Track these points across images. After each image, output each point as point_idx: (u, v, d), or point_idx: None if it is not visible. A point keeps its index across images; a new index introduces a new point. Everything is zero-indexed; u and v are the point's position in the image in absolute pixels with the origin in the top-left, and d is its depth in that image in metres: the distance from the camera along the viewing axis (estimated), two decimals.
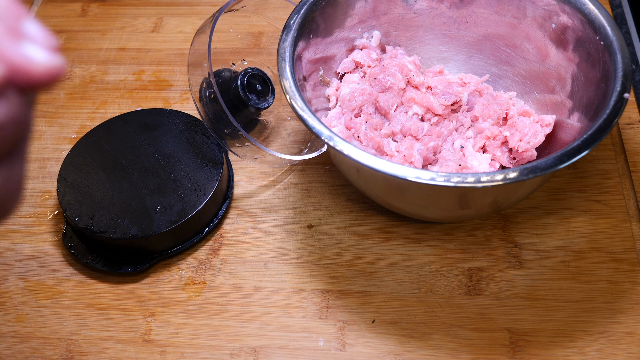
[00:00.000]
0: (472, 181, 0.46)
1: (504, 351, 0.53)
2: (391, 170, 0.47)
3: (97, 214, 0.58)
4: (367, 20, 0.64)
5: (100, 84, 0.75)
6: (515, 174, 0.46)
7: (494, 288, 0.57)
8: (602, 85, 0.53)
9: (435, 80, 0.63)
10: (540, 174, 0.46)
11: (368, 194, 0.57)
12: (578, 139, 0.48)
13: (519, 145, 0.58)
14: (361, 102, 0.60)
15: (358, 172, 0.54)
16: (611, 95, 0.50)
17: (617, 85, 0.51)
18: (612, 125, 0.48)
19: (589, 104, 0.54)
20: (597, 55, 0.54)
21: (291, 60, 0.55)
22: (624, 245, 0.59)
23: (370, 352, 0.54)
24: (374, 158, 0.48)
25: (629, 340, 0.53)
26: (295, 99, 0.53)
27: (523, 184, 0.50)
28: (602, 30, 0.54)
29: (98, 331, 0.56)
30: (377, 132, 0.60)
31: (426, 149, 0.59)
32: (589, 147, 0.47)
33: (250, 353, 0.54)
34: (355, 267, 0.59)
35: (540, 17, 0.60)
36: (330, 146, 0.49)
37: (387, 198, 0.55)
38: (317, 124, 0.51)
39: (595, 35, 0.55)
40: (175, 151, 0.62)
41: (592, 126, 0.49)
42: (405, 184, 0.50)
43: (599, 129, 0.48)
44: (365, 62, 0.64)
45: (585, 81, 0.56)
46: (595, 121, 0.49)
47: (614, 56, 0.52)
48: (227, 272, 0.59)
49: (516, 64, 0.64)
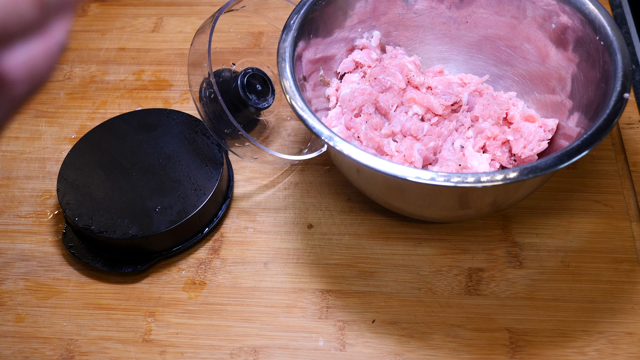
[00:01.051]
0: (472, 181, 0.46)
1: (504, 351, 0.53)
2: (391, 170, 0.47)
3: (97, 214, 0.58)
4: (367, 20, 0.64)
5: (100, 84, 0.75)
6: (515, 174, 0.46)
7: (494, 288, 0.57)
8: (602, 85, 0.53)
9: (435, 81, 0.63)
10: (540, 174, 0.46)
11: (368, 194, 0.57)
12: (578, 139, 0.48)
13: (523, 152, 0.58)
14: (361, 102, 0.60)
15: (358, 172, 0.54)
16: (611, 95, 0.50)
17: (617, 85, 0.51)
18: (612, 125, 0.48)
19: (589, 104, 0.54)
20: (597, 55, 0.54)
21: (291, 60, 0.55)
22: (624, 245, 0.59)
23: (370, 352, 0.54)
24: (374, 158, 0.48)
25: (629, 340, 0.53)
26: (295, 99, 0.53)
27: (523, 184, 0.50)
28: (602, 30, 0.54)
29: (98, 331, 0.56)
30: (377, 132, 0.60)
31: (426, 149, 0.59)
32: (589, 147, 0.47)
33: (250, 353, 0.54)
34: (355, 267, 0.59)
35: (540, 17, 0.60)
36: (330, 146, 0.49)
37: (387, 198, 0.55)
38: (317, 124, 0.51)
39: (595, 35, 0.55)
40: (175, 151, 0.62)
41: (592, 126, 0.49)
42: (406, 184, 0.50)
43: (599, 129, 0.48)
44: (366, 62, 0.64)
45: (585, 81, 0.56)
46: (595, 121, 0.49)
47: (614, 56, 0.52)
48: (227, 272, 0.59)
49: (516, 64, 0.64)
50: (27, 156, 0.69)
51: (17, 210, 0.65)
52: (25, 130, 0.71)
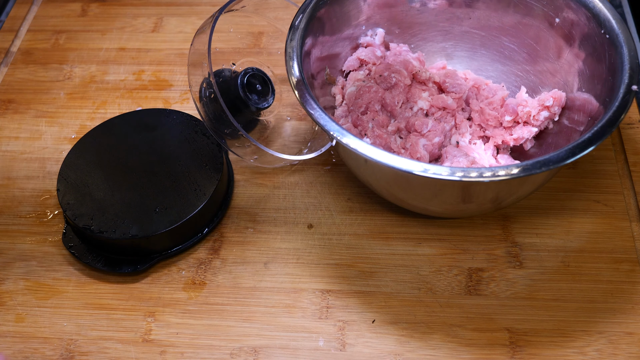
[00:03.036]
0: (489, 175, 0.46)
1: (504, 351, 0.53)
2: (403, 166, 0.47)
3: (97, 214, 0.58)
4: (371, 18, 0.64)
5: (100, 84, 0.75)
6: (526, 167, 0.46)
7: (494, 288, 0.57)
8: (609, 79, 0.53)
9: (441, 74, 0.63)
10: (553, 167, 0.46)
11: (374, 187, 0.57)
12: (588, 132, 0.48)
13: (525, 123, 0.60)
14: (368, 100, 0.61)
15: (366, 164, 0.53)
16: (619, 87, 0.50)
17: (624, 78, 0.51)
18: (622, 117, 0.48)
19: (596, 98, 0.54)
20: (602, 49, 0.54)
21: (299, 58, 0.56)
22: (624, 245, 0.59)
23: (370, 352, 0.54)
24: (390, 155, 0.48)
25: (629, 340, 0.53)
26: (305, 97, 0.53)
27: (534, 177, 0.50)
28: (607, 24, 0.55)
29: (98, 331, 0.56)
30: (384, 130, 0.60)
31: (432, 145, 0.59)
32: (599, 139, 0.47)
33: (250, 353, 0.54)
34: (355, 267, 0.59)
35: (544, 12, 0.60)
36: (343, 144, 0.49)
37: (394, 190, 0.55)
38: (330, 122, 0.50)
39: (600, 29, 0.55)
40: (175, 151, 0.62)
41: (602, 119, 0.49)
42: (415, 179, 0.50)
43: (608, 121, 0.48)
44: (370, 59, 0.64)
45: (591, 75, 0.56)
46: (604, 114, 0.49)
47: (620, 49, 0.53)
48: (227, 272, 0.59)
49: (520, 60, 0.64)
50: (27, 156, 0.69)
51: (17, 210, 0.65)
52: (25, 130, 0.71)
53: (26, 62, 0.78)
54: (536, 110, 0.59)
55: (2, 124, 0.72)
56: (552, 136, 0.60)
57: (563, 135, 0.59)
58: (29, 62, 0.78)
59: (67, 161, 0.62)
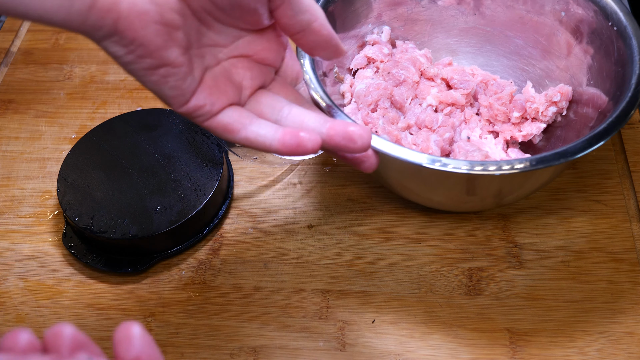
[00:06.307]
0: (522, 167, 0.46)
1: (504, 351, 0.53)
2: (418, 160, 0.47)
3: (97, 214, 0.58)
4: (377, 15, 0.65)
5: (100, 84, 0.75)
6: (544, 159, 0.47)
7: (494, 288, 0.57)
8: (619, 70, 0.53)
9: (449, 71, 0.64)
10: (570, 158, 0.47)
11: (383, 178, 0.57)
12: (604, 122, 0.48)
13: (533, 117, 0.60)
14: (377, 97, 0.61)
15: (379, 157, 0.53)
16: (630, 78, 0.51)
17: (635, 69, 0.51)
18: (636, 106, 0.48)
19: (605, 92, 0.54)
20: (610, 42, 0.55)
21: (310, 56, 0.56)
22: (624, 245, 0.59)
23: (370, 352, 0.54)
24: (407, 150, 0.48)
25: (629, 340, 0.53)
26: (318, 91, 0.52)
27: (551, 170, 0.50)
28: (614, 17, 0.55)
29: (98, 331, 0.56)
30: (394, 126, 0.60)
31: (442, 140, 0.59)
32: (616, 128, 0.47)
33: (250, 353, 0.54)
34: (355, 267, 0.59)
35: (550, 5, 0.60)
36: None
37: (403, 179, 0.55)
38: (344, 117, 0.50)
39: (607, 21, 0.55)
40: (175, 151, 0.62)
41: (617, 109, 0.49)
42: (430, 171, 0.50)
43: (623, 110, 0.48)
44: (378, 57, 0.64)
45: (600, 68, 0.56)
46: (617, 105, 0.49)
47: (629, 41, 0.53)
48: (227, 272, 0.59)
49: (526, 54, 0.64)
50: (27, 156, 0.69)
51: (17, 210, 0.65)
52: (25, 130, 0.71)
53: (26, 62, 0.78)
54: (544, 106, 0.59)
55: (2, 124, 0.72)
56: (561, 129, 0.60)
57: (571, 129, 0.59)
58: (29, 62, 0.78)
59: (67, 161, 0.62)
